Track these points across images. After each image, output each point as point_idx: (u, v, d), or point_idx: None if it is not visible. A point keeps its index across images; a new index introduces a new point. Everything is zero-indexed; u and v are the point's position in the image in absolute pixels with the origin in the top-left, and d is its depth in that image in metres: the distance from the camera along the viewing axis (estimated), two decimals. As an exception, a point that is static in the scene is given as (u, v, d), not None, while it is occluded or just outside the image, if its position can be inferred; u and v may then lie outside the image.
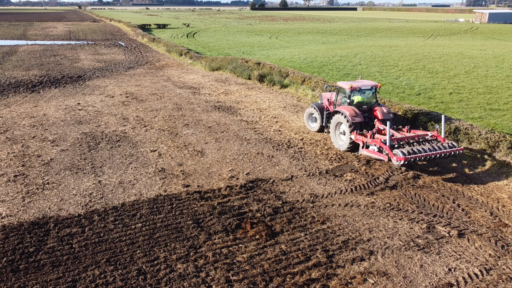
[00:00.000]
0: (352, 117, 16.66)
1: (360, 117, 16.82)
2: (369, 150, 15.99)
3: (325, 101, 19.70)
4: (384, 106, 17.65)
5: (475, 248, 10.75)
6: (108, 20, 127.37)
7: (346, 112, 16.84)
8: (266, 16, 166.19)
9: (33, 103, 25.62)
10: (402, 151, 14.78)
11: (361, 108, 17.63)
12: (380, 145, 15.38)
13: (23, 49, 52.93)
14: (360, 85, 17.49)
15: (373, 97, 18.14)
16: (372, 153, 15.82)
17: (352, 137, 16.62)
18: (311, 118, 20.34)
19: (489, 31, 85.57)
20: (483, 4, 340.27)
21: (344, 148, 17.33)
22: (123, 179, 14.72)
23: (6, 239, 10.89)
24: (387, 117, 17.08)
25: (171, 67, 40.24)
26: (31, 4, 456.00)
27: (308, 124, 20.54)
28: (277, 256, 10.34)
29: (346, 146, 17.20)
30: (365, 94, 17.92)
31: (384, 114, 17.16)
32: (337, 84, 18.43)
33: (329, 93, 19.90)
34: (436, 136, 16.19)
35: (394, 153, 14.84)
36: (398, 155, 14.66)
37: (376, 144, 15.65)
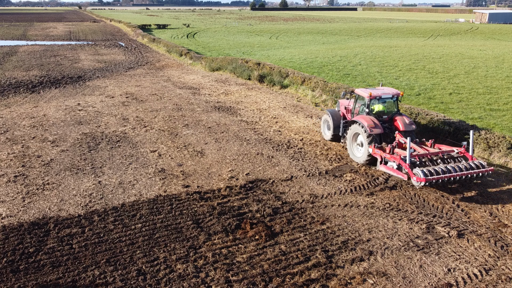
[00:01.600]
0: (371, 128, 15.25)
1: (380, 128, 15.38)
2: (387, 166, 14.50)
3: (342, 108, 18.52)
4: (405, 116, 16.20)
5: (474, 249, 10.77)
6: (108, 20, 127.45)
7: (364, 123, 15.45)
8: (266, 16, 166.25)
9: (33, 104, 25.64)
10: (424, 170, 13.18)
11: (381, 118, 16.19)
12: (400, 162, 13.81)
13: (23, 50, 52.97)
14: (380, 93, 16.04)
15: (394, 106, 16.69)
16: (390, 170, 14.29)
17: (370, 150, 15.17)
18: (327, 125, 19.01)
19: (489, 31, 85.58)
20: (483, 4, 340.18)
21: (361, 161, 15.99)
22: (123, 179, 14.74)
23: (6, 240, 10.91)
24: (409, 128, 15.66)
25: (171, 68, 40.26)
26: (31, 5, 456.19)
27: (323, 132, 19.29)
28: (276, 256, 10.35)
29: (363, 159, 15.82)
30: (386, 103, 16.49)
31: (405, 125, 15.68)
32: (355, 91, 17.11)
33: (346, 101, 18.58)
34: (463, 153, 14.43)
35: (414, 172, 13.27)
36: (419, 175, 13.10)
37: (395, 160, 14.09)
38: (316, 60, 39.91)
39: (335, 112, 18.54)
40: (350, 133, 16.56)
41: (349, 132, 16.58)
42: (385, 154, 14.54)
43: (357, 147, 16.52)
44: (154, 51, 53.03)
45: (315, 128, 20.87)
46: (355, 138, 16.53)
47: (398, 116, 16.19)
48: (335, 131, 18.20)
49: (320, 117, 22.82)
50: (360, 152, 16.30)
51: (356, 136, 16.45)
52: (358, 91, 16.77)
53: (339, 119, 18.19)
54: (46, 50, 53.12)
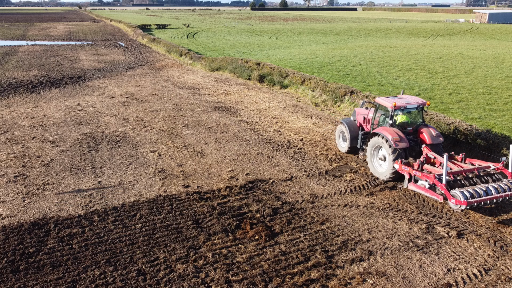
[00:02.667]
0: (396, 141, 13.93)
1: (405, 142, 14.04)
2: (418, 185, 13.15)
3: (359, 118, 17.18)
4: (432, 127, 14.98)
5: (474, 249, 10.78)
6: (108, 20, 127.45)
7: (388, 136, 14.12)
8: (266, 16, 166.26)
9: (33, 104, 25.66)
10: (464, 192, 11.83)
11: (405, 129, 14.90)
12: (434, 182, 12.41)
13: (23, 50, 52.98)
14: (405, 103, 14.65)
15: (419, 116, 15.35)
16: (422, 189, 12.95)
17: (396, 166, 13.80)
18: (343, 137, 17.56)
19: (489, 31, 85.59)
20: (483, 4, 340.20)
21: (384, 177, 14.57)
22: (123, 179, 14.75)
23: (7, 240, 10.92)
24: (437, 141, 14.43)
25: (171, 68, 40.27)
26: (31, 5, 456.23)
27: (339, 143, 17.79)
28: (276, 256, 10.37)
29: (387, 175, 14.43)
30: (410, 113, 15.17)
31: (432, 137, 14.45)
32: (376, 100, 15.80)
33: (364, 110, 17.19)
34: (501, 169, 13.12)
35: (452, 194, 11.95)
36: (458, 198, 11.78)
37: (427, 179, 12.67)
38: (316, 60, 39.92)
39: (352, 122, 17.19)
40: (370, 146, 15.19)
41: (370, 145, 15.21)
42: (415, 172, 13.16)
43: (379, 161, 15.10)
44: (154, 51, 53.04)
45: (315, 128, 20.88)
46: (376, 152, 15.17)
47: (424, 127, 14.88)
48: (353, 143, 16.77)
49: (320, 117, 22.84)
50: (383, 168, 14.87)
51: (377, 150, 15.10)
52: (379, 101, 15.44)
53: (356, 130, 16.82)
54: (46, 50, 53.13)
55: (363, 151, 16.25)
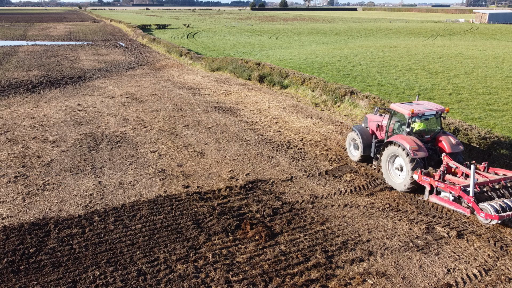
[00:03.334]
0: (414, 151, 13.13)
1: (424, 151, 13.28)
2: (441, 197, 12.40)
3: (372, 125, 16.37)
4: (451, 134, 14.18)
5: (474, 249, 10.79)
6: (108, 20, 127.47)
7: (406, 145, 13.30)
8: (266, 16, 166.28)
9: (34, 104, 25.67)
10: (494, 205, 11.14)
11: (422, 137, 14.13)
12: (460, 195, 11.71)
13: (23, 50, 52.99)
14: (422, 110, 13.85)
15: (437, 123, 14.53)
16: (446, 202, 12.19)
17: (416, 177, 13.05)
18: (354, 145, 16.70)
19: (489, 31, 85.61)
20: (483, 4, 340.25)
21: (402, 188, 13.78)
22: (123, 180, 14.76)
23: (7, 240, 10.93)
24: (456, 150, 13.64)
25: (171, 68, 40.29)
26: (31, 5, 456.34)
27: (350, 152, 16.94)
28: (276, 256, 10.37)
29: (405, 186, 13.66)
30: (428, 120, 14.34)
31: (452, 146, 13.66)
32: (391, 106, 14.88)
33: (376, 116, 16.34)
34: None
35: (481, 207, 11.29)
36: (488, 211, 11.11)
37: (453, 192, 11.92)
38: (316, 60, 39.93)
39: (364, 129, 16.37)
40: (385, 155, 14.38)
41: (385, 154, 14.42)
42: (438, 183, 12.43)
43: (395, 171, 14.25)
44: (154, 51, 53.06)
45: (315, 129, 20.89)
46: (391, 161, 14.36)
47: (443, 135, 14.09)
48: (365, 152, 15.93)
49: (320, 117, 22.85)
50: (400, 178, 14.06)
51: (393, 159, 14.29)
52: (395, 107, 14.59)
53: (369, 137, 15.99)
54: (46, 50, 53.14)
55: (377, 160, 15.34)
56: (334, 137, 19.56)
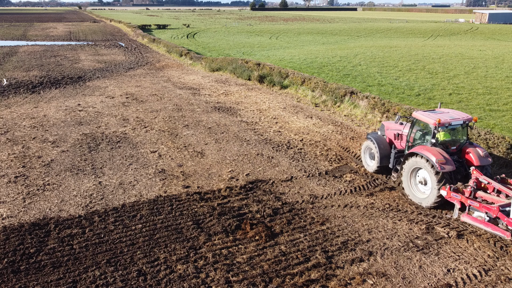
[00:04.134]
0: (441, 164, 12.06)
1: (452, 165, 12.19)
2: (474, 218, 11.26)
3: (389, 133, 15.34)
4: (478, 146, 13.18)
5: (474, 249, 10.79)
6: (108, 20, 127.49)
7: (432, 157, 12.25)
8: (266, 16, 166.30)
9: (34, 104, 25.67)
10: None
11: (447, 149, 13.13)
12: (499, 216, 10.70)
13: (23, 50, 53.00)
14: (449, 120, 12.72)
15: (463, 133, 13.50)
16: (481, 223, 11.06)
17: (444, 193, 12.00)
18: (370, 154, 15.68)
19: (489, 31, 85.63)
20: (483, 4, 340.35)
21: (427, 204, 12.75)
22: (123, 180, 14.77)
23: (7, 240, 10.94)
24: (485, 162, 12.60)
25: (171, 68, 40.30)
26: (31, 5, 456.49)
27: (365, 162, 15.90)
28: (276, 257, 10.38)
29: (430, 202, 12.65)
30: (454, 130, 13.36)
31: (480, 158, 12.58)
32: (413, 115, 13.72)
33: (395, 124, 15.20)
34: None
35: None
36: None
37: (489, 212, 10.90)
38: (316, 61, 39.95)
39: (381, 138, 15.30)
40: (407, 167, 13.35)
41: (406, 167, 13.38)
42: (472, 202, 11.35)
43: (419, 185, 13.26)
44: (154, 52, 53.07)
45: (315, 129, 20.90)
46: (414, 174, 13.34)
47: (470, 146, 13.05)
48: (383, 162, 14.87)
49: (320, 118, 22.86)
50: (424, 193, 13.07)
51: (416, 171, 13.29)
52: (418, 116, 13.47)
53: (387, 147, 14.98)
54: (46, 50, 53.15)
55: (397, 172, 14.27)
56: (334, 137, 19.58)
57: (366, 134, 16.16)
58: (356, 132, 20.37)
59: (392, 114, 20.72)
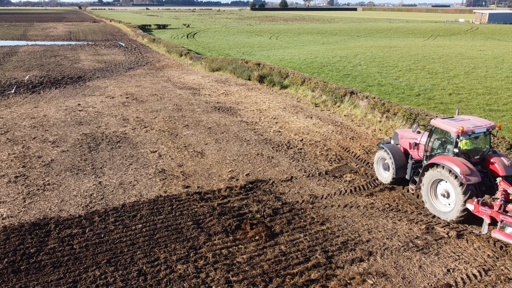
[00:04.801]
0: (466, 175, 11.24)
1: (477, 176, 11.39)
2: (507, 234, 10.52)
3: (404, 142, 14.50)
4: (502, 154, 12.42)
5: (473, 249, 10.80)
6: (108, 20, 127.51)
7: (455, 168, 11.40)
8: (266, 16, 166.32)
9: (34, 104, 25.68)
10: None
11: (470, 158, 12.26)
12: None
13: (23, 50, 53.00)
14: (472, 128, 11.88)
15: (485, 142, 12.67)
16: None
17: (471, 207, 11.13)
18: (384, 165, 14.76)
19: (489, 31, 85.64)
20: (483, 4, 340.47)
21: (452, 218, 11.88)
22: (124, 180, 14.77)
23: (7, 240, 10.94)
24: (511, 172, 11.87)
25: (171, 68, 40.30)
26: (31, 5, 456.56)
27: (378, 173, 14.98)
28: (276, 257, 10.39)
29: (455, 216, 11.74)
30: (477, 139, 12.48)
31: (506, 168, 11.86)
32: (432, 123, 12.87)
33: (411, 133, 14.39)
34: None
35: None
36: None
37: None
38: (316, 61, 39.95)
39: (395, 148, 14.45)
40: (427, 179, 12.47)
41: (426, 178, 12.50)
42: (504, 216, 10.51)
43: (441, 198, 12.40)
44: (154, 51, 53.07)
45: (315, 129, 20.91)
46: (435, 186, 12.48)
47: (494, 155, 12.29)
48: (398, 174, 14.02)
49: (320, 118, 22.86)
50: (448, 206, 12.19)
51: (436, 183, 12.44)
52: (437, 123, 12.62)
53: (402, 157, 14.13)
54: (46, 50, 53.15)
55: (415, 183, 13.41)
56: (334, 137, 19.58)
57: (378, 144, 15.42)
58: (356, 132, 20.38)
59: (392, 114, 20.73)
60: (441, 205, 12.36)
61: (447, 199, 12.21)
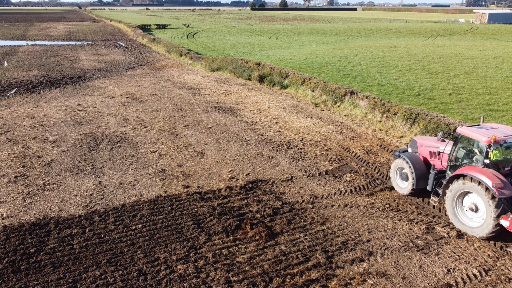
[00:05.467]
0: (499, 188, 10.47)
1: (510, 189, 10.63)
2: None
3: (423, 151, 13.62)
4: None
5: (474, 249, 10.80)
6: (108, 20, 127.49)
7: (487, 181, 10.60)
8: (266, 16, 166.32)
9: (34, 104, 25.67)
10: None
11: (499, 170, 11.43)
12: None
13: (23, 50, 52.99)
14: (504, 137, 11.06)
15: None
16: None
17: (506, 223, 10.40)
18: (402, 174, 13.84)
19: (489, 31, 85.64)
20: (483, 4, 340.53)
21: (482, 234, 11.02)
22: (124, 180, 14.77)
23: (7, 240, 10.94)
24: None
25: (171, 68, 40.29)
26: (31, 5, 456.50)
27: (396, 183, 14.10)
28: (276, 256, 10.38)
29: (486, 232, 10.89)
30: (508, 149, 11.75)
31: None
32: (459, 131, 11.95)
33: (431, 140, 13.63)
34: None
35: None
36: None
37: None
38: (316, 61, 39.95)
39: (414, 156, 13.61)
40: (453, 191, 11.61)
41: (452, 191, 11.63)
42: None
43: (468, 212, 11.53)
44: (154, 51, 53.06)
45: (315, 129, 20.90)
46: (461, 199, 11.66)
47: None
48: (419, 184, 13.15)
49: (320, 118, 22.86)
50: (476, 221, 11.34)
51: (462, 196, 11.62)
52: (465, 132, 11.72)
53: (423, 166, 13.29)
54: (46, 50, 53.14)
55: (438, 195, 12.57)
56: (334, 137, 19.58)
57: (393, 152, 14.68)
58: (356, 132, 20.38)
59: (392, 114, 20.73)
60: (468, 220, 11.48)
61: (475, 213, 11.36)
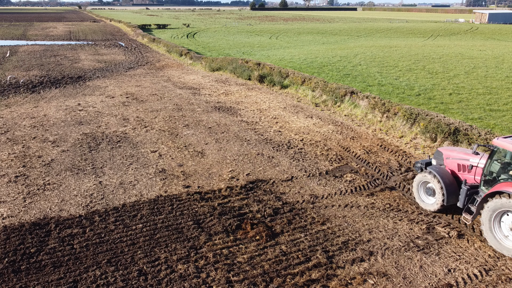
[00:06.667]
0: None
1: None
2: None
3: (450, 163, 12.55)
4: None
5: (474, 249, 10.79)
6: (108, 20, 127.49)
7: None
8: (266, 16, 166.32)
9: (34, 104, 25.66)
10: None
11: None
12: None
13: (23, 50, 52.98)
14: None
15: None
16: None
17: None
18: (427, 189, 12.82)
19: (489, 31, 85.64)
20: (483, 4, 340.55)
21: None
22: (124, 179, 14.76)
23: (8, 240, 10.93)
24: None
25: (171, 68, 40.28)
26: (31, 4, 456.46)
27: (420, 198, 13.00)
28: (277, 256, 10.38)
29: None
30: None
31: None
32: (495, 143, 10.99)
33: (459, 152, 12.63)
34: None
35: None
36: None
37: None
38: (316, 60, 39.95)
39: (444, 170, 12.48)
40: (489, 210, 10.59)
41: (488, 209, 10.62)
42: None
43: (507, 232, 10.56)
44: (154, 51, 53.05)
45: (316, 129, 20.90)
46: (499, 218, 10.62)
47: None
48: (450, 201, 12.07)
49: (321, 117, 22.85)
50: None
51: (500, 215, 10.60)
52: (503, 144, 10.73)
53: (453, 181, 12.17)
54: (46, 50, 53.12)
55: (471, 213, 11.51)
56: (334, 137, 19.57)
57: (414, 164, 13.79)
58: (356, 132, 20.37)
59: (392, 114, 20.72)
60: (509, 242, 10.50)
61: None
